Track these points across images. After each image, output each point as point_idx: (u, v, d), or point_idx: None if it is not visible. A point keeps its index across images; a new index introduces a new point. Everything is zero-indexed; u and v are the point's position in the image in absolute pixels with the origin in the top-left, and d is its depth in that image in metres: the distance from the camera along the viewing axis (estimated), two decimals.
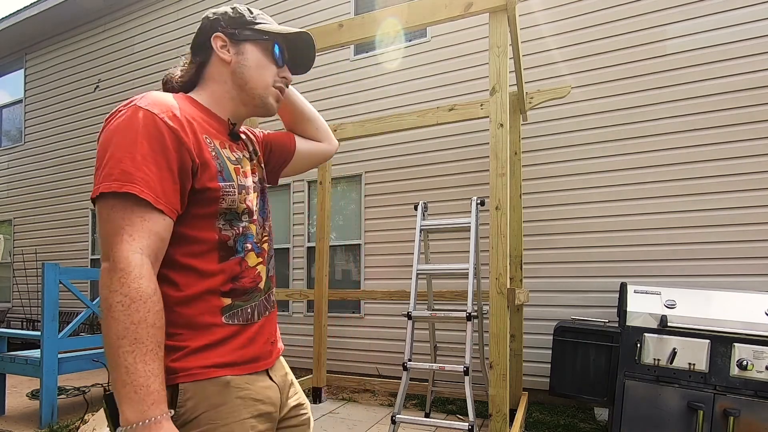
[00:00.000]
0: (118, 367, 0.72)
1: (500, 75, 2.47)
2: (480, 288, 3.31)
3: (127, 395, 0.71)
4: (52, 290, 3.44)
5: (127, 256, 0.75)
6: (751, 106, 3.65)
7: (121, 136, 0.79)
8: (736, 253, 3.63)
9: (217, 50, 1.01)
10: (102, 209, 0.78)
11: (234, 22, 1.03)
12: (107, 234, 0.77)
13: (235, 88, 1.01)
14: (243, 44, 1.02)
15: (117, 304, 0.73)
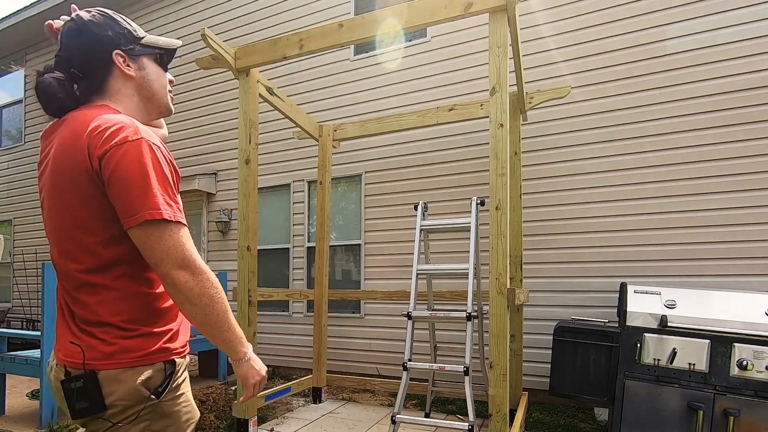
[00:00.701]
0: (231, 328, 1.05)
1: (500, 75, 2.47)
2: (480, 288, 3.31)
3: (240, 341, 1.08)
4: (52, 290, 3.44)
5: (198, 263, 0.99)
6: (751, 106, 3.65)
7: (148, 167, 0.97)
8: (736, 253, 3.63)
9: (120, 66, 1.08)
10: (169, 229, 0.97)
11: (127, 39, 1.11)
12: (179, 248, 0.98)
13: (143, 100, 1.13)
14: (140, 59, 1.12)
15: (216, 294, 1.01)
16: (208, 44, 3.01)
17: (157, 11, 6.85)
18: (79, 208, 0.98)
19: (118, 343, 0.99)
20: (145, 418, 1.00)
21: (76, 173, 0.96)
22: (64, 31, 1.10)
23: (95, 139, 0.94)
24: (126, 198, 0.93)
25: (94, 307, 1.01)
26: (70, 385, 0.97)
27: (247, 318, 3.16)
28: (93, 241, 0.99)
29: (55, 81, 1.04)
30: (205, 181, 6.08)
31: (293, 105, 4.03)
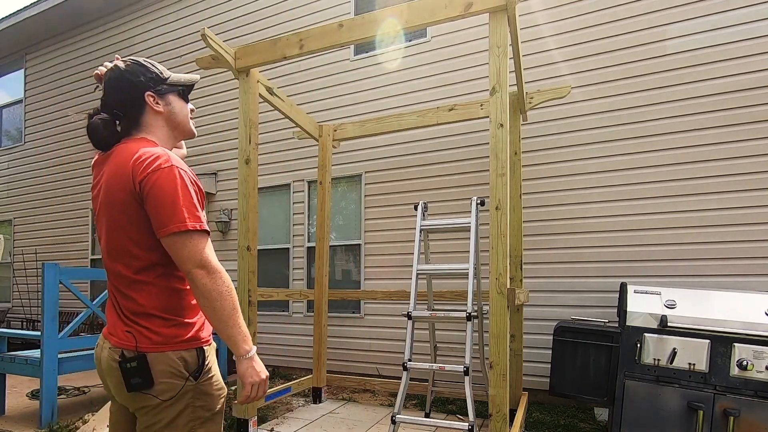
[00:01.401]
0: (236, 325, 1.21)
1: (500, 75, 2.47)
2: (480, 288, 3.31)
3: (244, 338, 1.23)
4: (52, 290, 3.44)
5: (215, 264, 1.22)
6: (751, 106, 3.65)
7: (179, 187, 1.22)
8: (736, 253, 3.63)
9: (151, 105, 1.34)
10: (190, 237, 1.20)
11: (155, 80, 1.35)
12: (200, 252, 1.20)
13: (171, 129, 1.41)
14: (167, 96, 1.37)
15: (225, 291, 1.20)
16: (208, 44, 3.01)
17: (157, 11, 6.85)
18: (126, 223, 1.24)
19: (161, 331, 1.24)
20: (187, 396, 1.24)
21: (123, 195, 1.22)
22: (106, 80, 1.34)
23: (137, 167, 1.20)
24: (158, 213, 1.19)
25: (140, 301, 1.25)
26: (126, 364, 1.21)
27: (247, 318, 3.15)
28: (137, 248, 1.25)
29: (101, 122, 1.32)
30: (205, 181, 6.08)
31: (293, 105, 4.03)
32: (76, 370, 3.66)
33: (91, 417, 3.27)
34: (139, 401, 1.23)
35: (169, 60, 6.67)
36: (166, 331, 1.24)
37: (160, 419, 1.22)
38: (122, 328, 1.25)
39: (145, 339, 1.22)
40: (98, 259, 7.31)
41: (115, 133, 1.35)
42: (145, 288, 1.25)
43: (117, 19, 7.27)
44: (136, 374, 1.20)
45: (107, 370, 1.26)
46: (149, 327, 1.23)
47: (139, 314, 1.25)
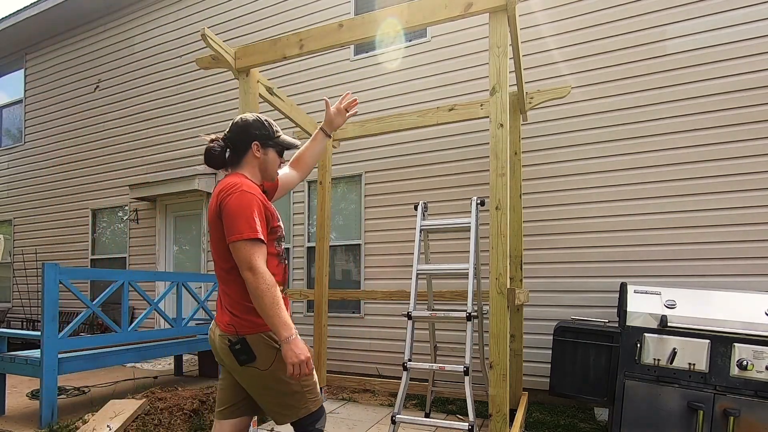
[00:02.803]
0: (276, 315, 1.52)
1: (500, 75, 2.47)
2: (480, 288, 3.31)
3: (283, 326, 1.52)
4: (52, 290, 3.44)
5: (260, 267, 1.55)
6: (751, 106, 3.65)
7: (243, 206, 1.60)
8: (736, 253, 3.63)
9: (254, 151, 1.80)
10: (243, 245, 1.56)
11: (264, 136, 1.81)
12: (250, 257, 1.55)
13: (260, 172, 1.83)
14: (268, 149, 1.83)
15: (265, 288, 1.52)
16: (208, 44, 3.01)
17: (157, 11, 6.85)
18: (221, 235, 1.64)
19: (252, 318, 1.62)
20: (275, 366, 1.63)
21: (215, 214, 1.66)
22: (235, 122, 1.83)
23: (221, 193, 1.64)
24: (225, 226, 1.60)
25: (232, 294, 1.66)
26: (234, 346, 1.62)
27: None
28: (226, 253, 1.63)
29: (218, 147, 1.80)
30: (205, 181, 6.08)
31: (293, 105, 4.03)
32: (76, 370, 3.66)
33: (91, 417, 3.27)
34: (247, 372, 1.65)
35: (169, 60, 6.68)
36: (255, 318, 1.61)
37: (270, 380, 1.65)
38: (225, 318, 1.67)
39: (243, 325, 1.63)
40: (98, 259, 7.32)
41: (222, 159, 1.82)
42: (233, 284, 1.65)
43: (117, 19, 7.27)
44: (242, 353, 1.62)
45: (221, 351, 1.69)
46: (243, 315, 1.64)
47: (234, 305, 1.66)
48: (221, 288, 1.71)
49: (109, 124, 7.25)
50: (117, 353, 4.00)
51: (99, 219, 7.40)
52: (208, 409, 3.53)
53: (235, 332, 1.62)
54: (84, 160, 7.49)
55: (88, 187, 7.43)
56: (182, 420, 3.30)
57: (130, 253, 6.94)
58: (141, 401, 3.35)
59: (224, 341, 1.65)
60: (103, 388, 4.59)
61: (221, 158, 1.81)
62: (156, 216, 6.73)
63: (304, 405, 1.70)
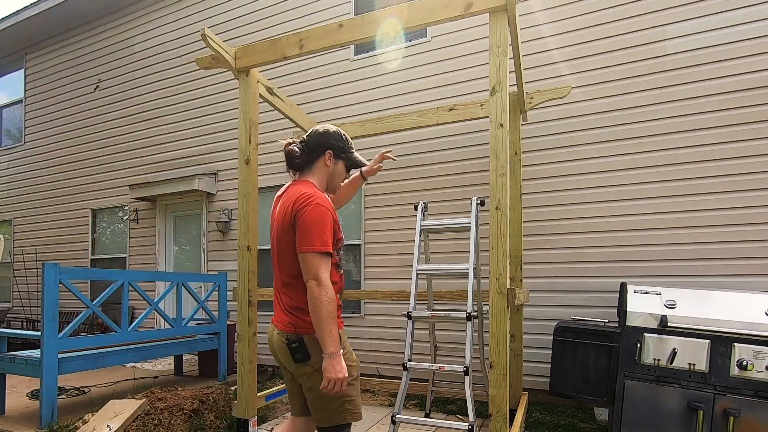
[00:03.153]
0: (327, 329, 1.61)
1: (500, 75, 2.47)
2: (480, 288, 3.31)
3: (332, 341, 1.61)
4: (52, 290, 3.44)
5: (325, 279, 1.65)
6: (751, 106, 3.65)
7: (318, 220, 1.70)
8: (736, 253, 3.63)
9: (326, 159, 1.91)
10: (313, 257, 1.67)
11: (338, 148, 1.93)
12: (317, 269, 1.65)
13: (327, 180, 1.94)
14: (339, 160, 1.95)
15: (326, 301, 1.62)
16: (208, 44, 3.01)
17: (157, 11, 6.85)
18: (290, 242, 1.74)
19: (309, 320, 1.69)
20: None
21: (288, 222, 1.74)
22: (315, 129, 1.95)
23: (297, 202, 1.73)
24: (298, 236, 1.70)
25: (294, 297, 1.77)
26: (292, 344, 1.74)
27: (247, 318, 3.15)
28: (293, 260, 1.74)
29: (297, 148, 1.90)
30: (205, 181, 6.08)
31: (293, 105, 4.03)
32: (76, 370, 3.66)
33: (91, 417, 3.27)
34: (300, 369, 1.76)
35: (169, 60, 6.68)
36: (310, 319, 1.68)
37: (315, 382, 1.71)
38: (285, 318, 1.78)
39: (302, 326, 1.74)
40: (98, 259, 7.32)
41: (297, 160, 1.91)
42: (298, 289, 1.75)
43: (117, 19, 7.27)
44: (299, 351, 1.73)
45: (278, 349, 1.80)
46: (302, 317, 1.73)
47: (294, 308, 1.76)
48: (282, 290, 1.83)
49: (109, 124, 7.25)
50: (117, 353, 4.00)
51: (99, 219, 7.40)
52: (208, 409, 3.53)
53: (294, 331, 1.74)
54: (84, 160, 7.49)
55: (88, 187, 7.43)
56: (182, 420, 3.30)
57: (130, 253, 6.94)
58: (141, 401, 3.35)
59: (282, 339, 1.77)
60: (103, 388, 4.59)
61: (297, 158, 1.91)
62: (156, 216, 6.73)
63: (341, 414, 1.76)
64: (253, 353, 3.19)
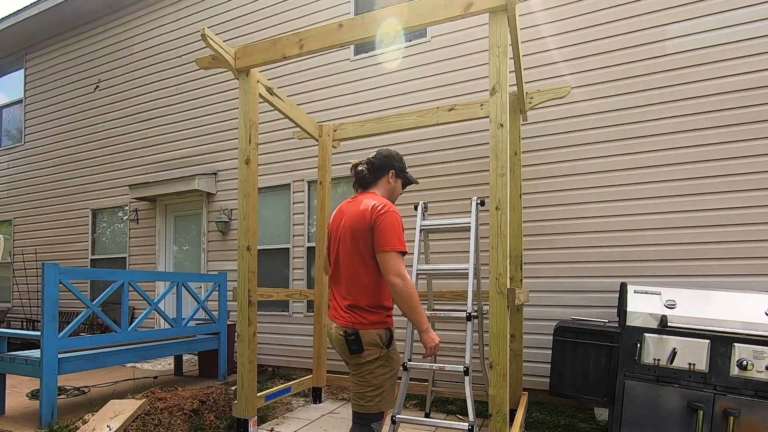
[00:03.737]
0: (419, 312, 1.96)
1: (500, 75, 2.47)
2: (480, 288, 3.31)
3: (423, 320, 1.99)
4: (52, 290, 3.44)
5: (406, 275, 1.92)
6: (751, 106, 3.65)
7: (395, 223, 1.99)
8: (736, 253, 3.63)
9: (389, 177, 2.25)
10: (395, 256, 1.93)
11: (399, 168, 2.28)
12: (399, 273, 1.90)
13: (387, 195, 2.23)
14: (398, 179, 2.29)
15: (412, 291, 1.91)
16: (208, 44, 3.01)
17: (157, 11, 6.85)
18: (361, 245, 2.01)
19: (367, 317, 1.99)
20: (381, 359, 2.01)
21: (363, 227, 2.00)
22: (379, 151, 2.32)
23: (374, 210, 1.99)
24: (378, 239, 1.95)
25: (357, 296, 2.01)
26: (349, 337, 1.97)
27: (247, 318, 3.16)
28: (363, 261, 2.01)
29: (365, 169, 2.27)
30: (205, 181, 6.08)
31: (293, 105, 4.03)
32: (76, 370, 3.66)
33: (91, 417, 3.27)
34: (354, 359, 2.01)
35: (169, 60, 6.68)
36: (371, 317, 1.99)
37: (365, 370, 2.00)
38: (344, 315, 2.02)
39: (359, 322, 1.98)
40: (98, 259, 7.32)
41: (365, 180, 2.26)
42: (362, 288, 2.01)
43: (117, 19, 7.27)
44: (354, 344, 1.97)
45: (336, 340, 2.05)
46: (360, 315, 1.99)
47: (354, 306, 2.00)
48: (345, 289, 2.05)
49: (109, 124, 7.25)
50: (117, 353, 4.00)
51: (99, 219, 7.40)
52: (208, 409, 3.53)
53: (351, 326, 1.98)
54: (84, 160, 7.49)
55: (88, 187, 7.43)
56: (182, 420, 3.30)
57: (130, 253, 6.94)
58: (141, 401, 3.35)
59: (340, 332, 2.01)
60: (103, 388, 4.59)
61: (365, 178, 2.26)
62: (156, 216, 6.73)
63: (378, 403, 2.03)
64: (253, 353, 3.19)
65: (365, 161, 2.27)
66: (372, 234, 1.96)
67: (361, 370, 2.00)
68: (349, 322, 1.98)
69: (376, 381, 2.00)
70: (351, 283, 2.02)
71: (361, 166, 2.26)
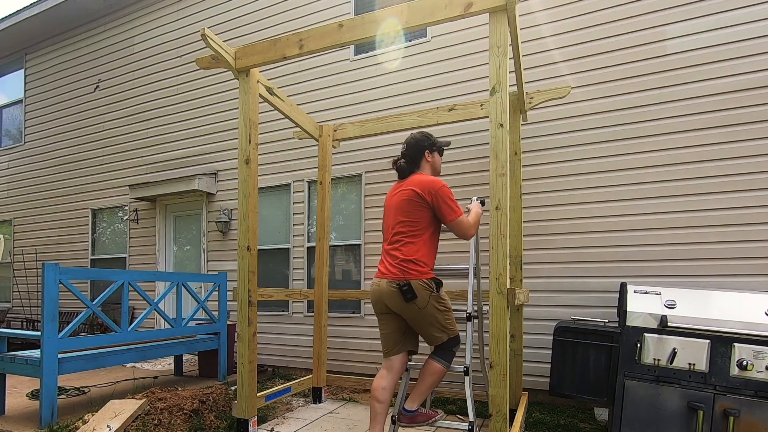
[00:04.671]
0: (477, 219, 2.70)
1: (500, 75, 2.47)
2: (480, 288, 3.31)
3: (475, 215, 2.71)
4: (52, 290, 3.44)
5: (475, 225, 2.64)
6: (751, 106, 3.65)
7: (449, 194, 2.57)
8: (736, 253, 3.63)
9: (426, 157, 2.71)
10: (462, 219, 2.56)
11: (431, 144, 2.72)
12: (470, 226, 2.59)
13: (432, 171, 2.75)
14: (434, 153, 2.74)
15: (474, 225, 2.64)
16: (208, 44, 3.01)
17: (157, 11, 6.85)
18: (413, 210, 2.53)
19: (417, 269, 2.46)
20: (432, 299, 2.47)
21: (417, 198, 2.53)
22: (407, 140, 2.73)
23: (428, 185, 2.53)
24: (444, 211, 2.52)
25: (407, 252, 2.49)
26: (403, 288, 2.42)
27: (247, 318, 3.16)
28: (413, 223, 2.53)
29: (404, 163, 2.69)
30: (205, 181, 6.08)
31: (293, 105, 4.03)
32: (76, 370, 3.66)
33: (91, 417, 3.27)
34: (410, 308, 2.45)
35: (169, 60, 6.68)
36: (420, 269, 2.46)
37: (423, 317, 2.48)
38: (394, 270, 2.48)
39: (409, 274, 2.45)
40: (98, 259, 7.32)
41: (408, 170, 2.67)
42: (409, 245, 2.50)
43: (117, 19, 7.27)
44: (409, 292, 2.41)
45: (388, 294, 2.48)
46: (410, 267, 2.45)
47: (405, 260, 2.47)
48: (393, 248, 2.53)
49: (109, 124, 7.25)
50: (117, 353, 4.00)
51: (99, 219, 7.40)
52: (208, 409, 3.53)
53: (403, 278, 2.42)
54: (84, 160, 7.49)
55: (88, 187, 7.43)
56: (182, 420, 3.30)
57: (130, 253, 6.94)
58: (141, 401, 3.35)
59: (392, 286, 2.44)
60: (103, 388, 4.59)
61: (409, 169, 2.67)
62: (156, 216, 6.73)
63: (448, 331, 2.55)
64: (253, 353, 3.19)
65: (401, 155, 2.70)
66: (425, 204, 2.49)
67: (422, 314, 2.45)
68: (400, 275, 2.43)
69: (436, 319, 2.48)
70: (402, 242, 2.50)
71: (400, 161, 2.67)
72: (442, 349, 2.58)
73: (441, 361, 2.58)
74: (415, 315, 2.47)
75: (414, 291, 2.39)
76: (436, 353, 2.60)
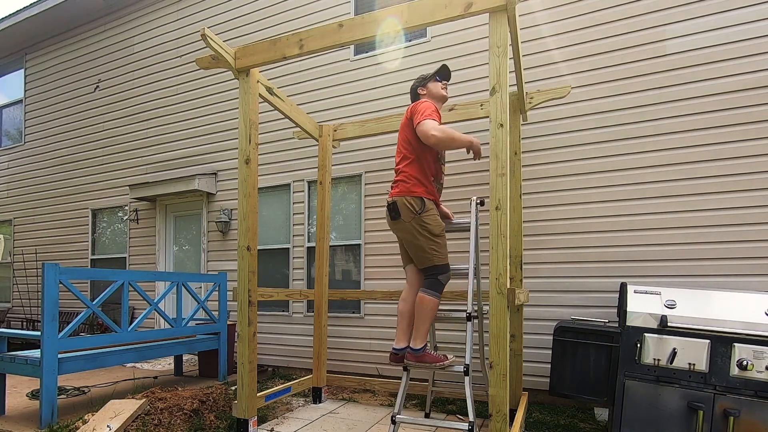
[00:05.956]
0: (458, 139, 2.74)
1: (500, 75, 2.47)
2: (480, 288, 3.31)
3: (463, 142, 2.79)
4: (52, 290, 3.44)
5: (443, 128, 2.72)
6: (751, 106, 3.65)
7: None
8: (736, 253, 3.63)
9: (420, 93, 3.01)
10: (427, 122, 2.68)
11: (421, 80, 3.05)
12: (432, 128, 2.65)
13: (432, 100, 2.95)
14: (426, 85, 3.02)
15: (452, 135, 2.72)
16: (208, 44, 3.01)
17: (157, 11, 6.85)
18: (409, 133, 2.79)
19: (405, 186, 2.71)
20: (416, 221, 2.66)
21: (405, 121, 2.82)
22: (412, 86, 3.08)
23: (412, 106, 2.81)
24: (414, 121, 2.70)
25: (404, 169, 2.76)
26: (389, 206, 2.73)
27: (247, 318, 3.16)
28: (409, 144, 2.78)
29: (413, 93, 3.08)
30: (205, 181, 6.08)
31: (293, 105, 4.03)
32: (76, 370, 3.66)
33: (91, 417, 3.27)
34: (397, 225, 2.72)
35: (168, 60, 6.68)
36: (407, 185, 2.68)
37: (408, 229, 2.69)
38: (393, 189, 2.75)
39: (400, 191, 2.69)
40: (98, 259, 7.32)
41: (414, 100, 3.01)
42: (405, 163, 2.76)
43: (117, 19, 7.27)
44: (393, 210, 2.69)
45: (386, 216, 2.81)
46: (400, 185, 2.72)
47: (399, 180, 2.73)
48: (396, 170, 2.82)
49: (109, 124, 7.25)
50: (117, 353, 4.00)
51: (99, 219, 7.40)
52: (208, 409, 3.53)
53: (394, 195, 2.67)
54: (84, 160, 7.49)
55: (88, 187, 7.43)
56: (182, 420, 3.30)
57: (130, 253, 6.94)
58: (141, 401, 3.35)
59: (387, 202, 2.75)
60: (103, 388, 4.59)
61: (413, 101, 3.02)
62: (156, 216, 6.73)
63: (432, 257, 2.67)
64: (253, 353, 3.19)
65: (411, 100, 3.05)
66: (411, 123, 2.68)
67: (406, 232, 2.67)
68: (393, 193, 2.71)
69: (420, 242, 2.65)
70: (404, 158, 2.76)
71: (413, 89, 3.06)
72: (427, 277, 2.69)
73: (427, 291, 2.67)
74: (400, 233, 2.75)
75: (398, 209, 2.65)
76: (423, 285, 2.71)
